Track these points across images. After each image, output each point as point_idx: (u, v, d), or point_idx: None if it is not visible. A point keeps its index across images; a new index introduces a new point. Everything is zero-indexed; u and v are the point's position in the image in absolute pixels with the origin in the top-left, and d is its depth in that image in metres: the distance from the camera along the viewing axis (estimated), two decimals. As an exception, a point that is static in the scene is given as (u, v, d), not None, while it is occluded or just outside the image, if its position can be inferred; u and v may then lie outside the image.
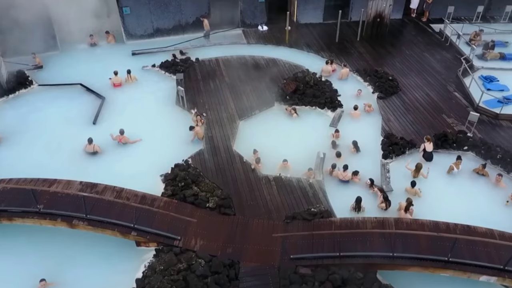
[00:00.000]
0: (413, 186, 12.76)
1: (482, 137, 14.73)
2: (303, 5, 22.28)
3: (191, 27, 21.38)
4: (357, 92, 17.02)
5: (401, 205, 12.23)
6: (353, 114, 15.96)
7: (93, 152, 14.14)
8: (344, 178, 13.21)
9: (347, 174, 13.20)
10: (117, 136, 14.64)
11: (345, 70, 18.31)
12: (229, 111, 16.12)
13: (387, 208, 12.26)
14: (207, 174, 13.30)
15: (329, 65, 18.42)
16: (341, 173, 13.23)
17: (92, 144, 14.12)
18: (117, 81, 17.53)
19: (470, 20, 22.94)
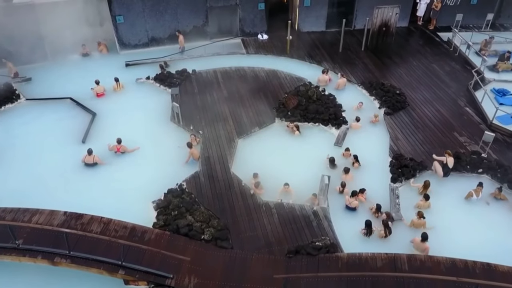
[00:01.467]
0: (427, 199, 12.13)
1: (498, 158, 13.77)
2: (305, 13, 21.34)
3: (188, 36, 20.39)
4: (358, 105, 16.13)
5: (413, 222, 11.56)
6: (353, 126, 15.18)
7: (93, 163, 13.49)
8: (351, 205, 12.27)
9: (353, 201, 12.26)
10: (114, 146, 14.00)
11: (342, 80, 17.47)
12: (227, 129, 15.17)
13: (387, 236, 11.28)
14: (203, 200, 12.34)
15: (326, 74, 17.57)
16: (348, 198, 12.30)
17: (92, 155, 13.51)
18: (99, 90, 16.83)
19: (479, 28, 21.97)
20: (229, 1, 20.07)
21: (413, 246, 11.17)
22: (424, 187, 12.71)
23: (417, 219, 11.73)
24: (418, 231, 11.37)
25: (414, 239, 11.21)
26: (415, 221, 11.73)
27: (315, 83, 17.34)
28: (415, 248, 11.14)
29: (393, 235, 11.37)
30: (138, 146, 14.32)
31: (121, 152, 14.06)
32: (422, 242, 10.98)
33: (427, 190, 12.62)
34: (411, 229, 11.62)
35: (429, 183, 12.67)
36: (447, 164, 13.23)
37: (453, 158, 13.28)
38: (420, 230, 11.42)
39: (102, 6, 19.15)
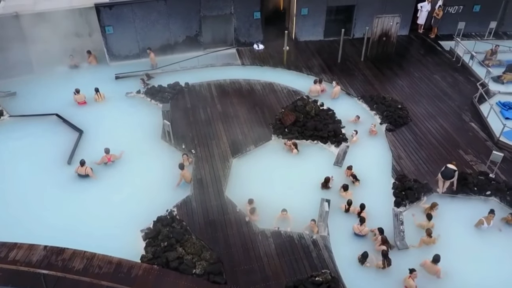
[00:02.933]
0: (430, 219, 11.57)
1: (506, 179, 13.06)
2: (302, 21, 20.61)
3: (181, 46, 19.65)
4: (355, 118, 15.42)
5: (423, 240, 11.07)
6: (353, 140, 14.53)
7: (85, 175, 13.13)
8: (361, 233, 11.49)
9: (364, 228, 11.49)
10: (104, 157, 13.58)
11: (337, 88, 16.84)
12: (221, 147, 14.40)
13: (385, 267, 10.53)
14: (195, 228, 11.56)
15: (318, 84, 16.89)
16: (358, 227, 11.52)
17: (84, 167, 13.14)
18: (80, 99, 16.42)
19: (482, 36, 21.31)
20: (223, 10, 19.31)
21: (424, 269, 10.54)
22: (431, 207, 12.06)
23: (427, 237, 11.14)
24: (422, 254, 10.81)
25: (425, 262, 10.59)
26: (424, 239, 11.15)
27: (306, 93, 16.86)
28: (427, 271, 10.53)
29: (398, 266, 10.62)
30: (122, 150, 14.05)
31: (112, 162, 13.70)
32: (434, 264, 10.40)
33: (433, 211, 11.96)
34: (415, 255, 10.87)
35: (436, 205, 12.04)
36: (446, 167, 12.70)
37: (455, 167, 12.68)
38: (426, 251, 10.87)
39: (91, 16, 18.36)
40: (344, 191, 12.63)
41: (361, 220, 11.53)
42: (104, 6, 17.85)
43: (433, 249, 10.89)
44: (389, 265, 10.58)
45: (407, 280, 10.11)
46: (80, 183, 13.11)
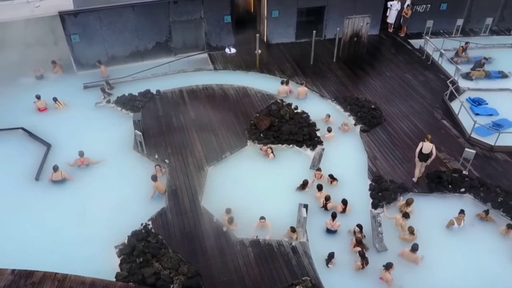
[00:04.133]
0: (407, 217, 11.63)
1: (479, 176, 13.24)
2: (273, 24, 20.49)
3: (151, 53, 19.23)
4: (325, 117, 15.49)
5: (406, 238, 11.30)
6: (326, 136, 14.65)
7: (61, 179, 13.01)
8: (333, 228, 11.55)
9: (336, 223, 11.54)
10: (77, 160, 13.52)
11: (302, 88, 16.93)
12: (195, 155, 14.11)
13: (364, 267, 10.55)
14: (171, 241, 11.25)
15: (285, 85, 16.87)
16: (330, 221, 11.57)
17: (59, 171, 13.01)
18: (41, 105, 16.21)
19: (450, 34, 21.68)
20: (193, 15, 19.00)
21: (403, 258, 10.78)
22: (406, 204, 12.15)
23: (409, 235, 11.27)
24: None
25: (404, 251, 10.86)
26: (407, 237, 11.30)
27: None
28: (405, 259, 10.79)
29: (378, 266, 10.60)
30: (102, 159, 13.89)
31: (85, 165, 13.63)
32: (413, 252, 10.71)
33: (409, 207, 12.06)
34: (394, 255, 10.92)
35: (412, 201, 12.13)
36: (422, 150, 12.72)
37: (430, 144, 12.72)
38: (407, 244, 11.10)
39: (55, 24, 17.72)
40: (318, 191, 12.61)
41: (333, 215, 11.56)
42: (69, 14, 17.29)
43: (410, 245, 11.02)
44: (367, 264, 10.58)
45: (384, 273, 10.22)
46: (48, 200, 12.59)
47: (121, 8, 17.73)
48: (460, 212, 11.68)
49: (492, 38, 21.52)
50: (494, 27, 22.18)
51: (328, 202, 12.19)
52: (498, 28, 22.33)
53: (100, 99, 16.66)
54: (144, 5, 17.97)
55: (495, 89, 17.62)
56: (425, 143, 12.78)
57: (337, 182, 13.07)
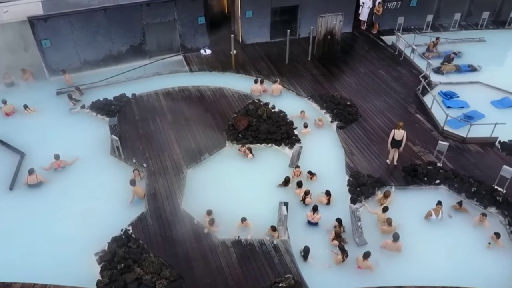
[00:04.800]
0: (385, 211, 11.81)
1: (453, 168, 13.61)
2: (247, 24, 20.53)
3: (125, 56, 19.00)
4: (301, 114, 15.74)
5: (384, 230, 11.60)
6: (303, 132, 14.97)
7: (37, 183, 12.88)
8: (313, 220, 11.79)
9: (316, 216, 11.77)
10: (53, 163, 13.46)
11: (276, 86, 17.13)
12: (174, 158, 14.02)
13: (344, 260, 10.76)
14: (152, 246, 11.16)
15: (259, 84, 17.04)
16: (310, 214, 11.82)
17: (35, 174, 12.91)
18: (8, 109, 16.05)
19: (420, 30, 22.17)
20: (166, 17, 18.85)
21: (386, 249, 11.12)
22: (384, 196, 12.41)
23: (387, 227, 11.54)
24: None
25: (386, 242, 11.15)
26: (385, 229, 11.57)
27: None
28: (388, 250, 11.12)
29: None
30: (77, 157, 13.88)
31: (62, 167, 13.55)
32: (395, 242, 11.02)
33: (387, 200, 12.34)
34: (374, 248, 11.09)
35: (389, 193, 12.44)
36: (394, 137, 13.23)
37: (402, 131, 13.24)
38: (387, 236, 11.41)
39: (25, 29, 17.29)
40: (298, 187, 12.76)
41: (313, 208, 11.78)
42: (39, 19, 16.92)
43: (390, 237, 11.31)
44: (346, 256, 10.79)
45: (364, 262, 10.50)
46: (24, 209, 12.31)
47: (92, 11, 17.46)
48: (438, 203, 11.97)
49: (460, 33, 22.13)
50: (462, 22, 22.80)
51: (307, 197, 12.33)
52: (466, 23, 22.95)
53: (71, 106, 16.35)
54: (116, 8, 17.75)
55: (465, 82, 18.14)
56: (397, 131, 13.25)
57: (316, 177, 13.24)
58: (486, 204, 12.41)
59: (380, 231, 11.71)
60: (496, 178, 12.72)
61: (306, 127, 15.10)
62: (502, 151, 14.39)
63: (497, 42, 21.33)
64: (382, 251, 11.13)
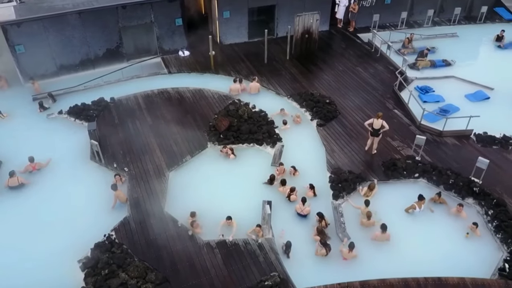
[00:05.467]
0: (367, 205, 12.06)
1: (431, 161, 13.93)
2: (225, 25, 20.54)
3: (102, 60, 18.78)
4: (281, 111, 15.98)
5: (363, 222, 11.85)
6: (283, 128, 15.28)
7: (19, 184, 12.83)
8: (303, 212, 12.06)
9: (306, 208, 12.03)
10: (28, 166, 13.41)
11: (253, 84, 17.26)
12: (155, 161, 13.95)
13: (327, 253, 10.95)
14: (136, 250, 11.10)
15: (237, 83, 17.15)
16: (299, 206, 12.11)
17: (15, 177, 12.86)
18: None
19: (395, 26, 22.58)
20: (143, 19, 18.71)
21: (376, 240, 11.44)
22: (369, 189, 12.68)
23: (366, 220, 11.78)
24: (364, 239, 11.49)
25: (376, 234, 11.44)
26: (364, 222, 11.81)
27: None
28: (379, 241, 11.43)
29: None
30: (49, 158, 13.86)
31: (37, 170, 13.50)
32: (384, 232, 11.34)
33: (372, 192, 12.61)
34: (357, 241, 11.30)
35: (374, 186, 12.72)
36: (373, 125, 13.69)
37: (380, 120, 13.66)
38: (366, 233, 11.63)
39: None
40: (282, 185, 12.89)
41: (302, 200, 12.00)
42: (11, 24, 16.56)
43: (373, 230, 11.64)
44: (329, 250, 10.98)
45: (349, 254, 10.81)
46: (3, 217, 12.05)
47: (67, 15, 17.18)
48: (420, 198, 12.24)
49: (434, 28, 22.64)
50: (435, 18, 23.30)
51: (292, 194, 12.47)
52: (440, 19, 23.48)
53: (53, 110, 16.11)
54: (91, 12, 17.52)
55: (440, 77, 18.57)
56: (375, 120, 13.66)
57: (298, 173, 13.45)
58: (464, 195, 12.74)
59: (360, 224, 11.92)
60: (473, 170, 13.07)
61: (286, 123, 15.31)
62: (477, 143, 14.79)
63: (469, 37, 21.93)
64: (366, 244, 11.29)
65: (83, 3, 17.65)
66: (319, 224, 11.61)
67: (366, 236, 11.52)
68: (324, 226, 11.68)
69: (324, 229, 11.56)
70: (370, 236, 11.57)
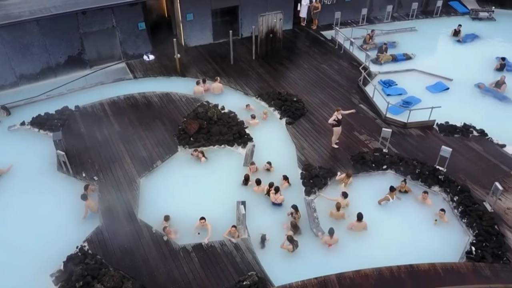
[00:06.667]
0: (346, 197, 12.45)
1: (398, 152, 14.37)
2: (189, 27, 20.43)
3: (64, 67, 18.30)
4: (246, 107, 16.33)
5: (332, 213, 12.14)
6: (252, 123, 15.49)
7: None
8: (277, 201, 12.41)
9: (279, 196, 12.43)
10: None
11: (216, 84, 17.37)
12: (125, 168, 13.74)
13: (294, 250, 11.15)
14: (111, 259, 10.92)
15: (201, 85, 17.20)
16: (273, 196, 12.47)
17: None
18: None
19: (357, 23, 23.12)
20: (104, 24, 18.36)
21: (353, 230, 11.78)
22: (347, 176, 13.04)
23: (336, 211, 12.08)
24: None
25: (352, 224, 11.78)
26: (334, 212, 12.10)
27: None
28: (355, 230, 11.78)
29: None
30: (11, 164, 13.58)
31: None
32: (360, 221, 11.71)
33: (349, 180, 13.00)
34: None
35: (351, 174, 13.12)
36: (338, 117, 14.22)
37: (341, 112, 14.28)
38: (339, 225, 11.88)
39: (-49, 46, 16.25)
40: (257, 185, 12.99)
41: (275, 189, 12.35)
42: (-35, 34, 15.94)
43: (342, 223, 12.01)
44: (296, 247, 11.17)
45: (331, 239, 11.15)
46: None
47: (23, 23, 16.62)
48: (391, 189, 12.63)
49: (394, 24, 23.34)
50: (394, 13, 24.01)
51: (271, 189, 12.66)
52: (398, 14, 24.20)
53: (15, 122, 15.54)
54: (49, 19, 16.99)
55: (402, 71, 19.21)
56: (337, 113, 14.14)
57: (273, 168, 13.71)
58: (430, 184, 13.22)
59: (330, 216, 12.17)
60: (437, 159, 13.59)
61: (254, 118, 15.57)
62: (440, 132, 15.37)
63: (427, 30, 22.77)
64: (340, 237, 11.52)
65: (41, 10, 17.11)
66: (293, 219, 11.75)
67: (338, 229, 11.68)
68: (297, 219, 11.87)
69: (297, 224, 11.73)
70: (345, 226, 11.86)
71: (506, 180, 13.16)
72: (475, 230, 11.60)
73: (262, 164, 13.77)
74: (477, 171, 13.59)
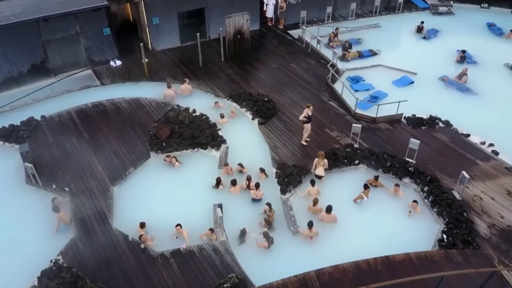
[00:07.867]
0: (313, 184, 12.76)
1: (369, 147, 14.69)
2: (156, 31, 20.20)
3: (27, 77, 17.75)
4: (215, 105, 16.52)
5: (310, 207, 12.40)
6: (221, 122, 15.63)
7: None
8: (257, 197, 12.63)
9: (259, 192, 12.65)
10: None
11: (185, 86, 17.36)
12: (97, 177, 13.48)
13: (270, 246, 11.28)
14: (87, 271, 10.70)
15: (172, 89, 17.11)
16: (254, 192, 12.70)
17: None
18: None
19: (323, 21, 23.46)
20: (67, 31, 17.92)
21: (323, 221, 12.02)
22: (321, 157, 13.37)
23: (313, 205, 12.34)
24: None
25: (322, 215, 12.02)
26: (311, 207, 12.38)
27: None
28: (326, 222, 12.04)
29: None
30: None
31: None
32: (329, 213, 11.96)
33: (323, 161, 13.37)
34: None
35: (323, 153, 13.49)
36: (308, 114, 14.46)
37: (311, 107, 14.63)
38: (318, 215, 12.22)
39: None
40: (232, 186, 13.03)
41: (256, 185, 12.56)
42: None
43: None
44: (272, 243, 11.31)
45: (312, 231, 11.41)
46: None
47: (-19, 33, 16.08)
48: (365, 187, 12.89)
49: (358, 21, 23.83)
50: (358, 10, 24.51)
51: (250, 182, 12.89)
52: (362, 11, 24.71)
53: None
54: (8, 27, 16.40)
55: (368, 66, 19.62)
56: (307, 110, 14.41)
57: (246, 169, 13.73)
58: (401, 176, 13.60)
59: (308, 209, 12.40)
60: (406, 151, 13.98)
61: (223, 117, 15.67)
62: (408, 125, 15.82)
63: (391, 26, 23.34)
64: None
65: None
66: (266, 217, 11.87)
67: (316, 223, 11.80)
68: (272, 216, 11.98)
69: (271, 221, 11.84)
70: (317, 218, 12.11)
71: (472, 169, 13.69)
72: (446, 218, 12.01)
73: (235, 166, 13.79)
74: (444, 161, 14.07)
